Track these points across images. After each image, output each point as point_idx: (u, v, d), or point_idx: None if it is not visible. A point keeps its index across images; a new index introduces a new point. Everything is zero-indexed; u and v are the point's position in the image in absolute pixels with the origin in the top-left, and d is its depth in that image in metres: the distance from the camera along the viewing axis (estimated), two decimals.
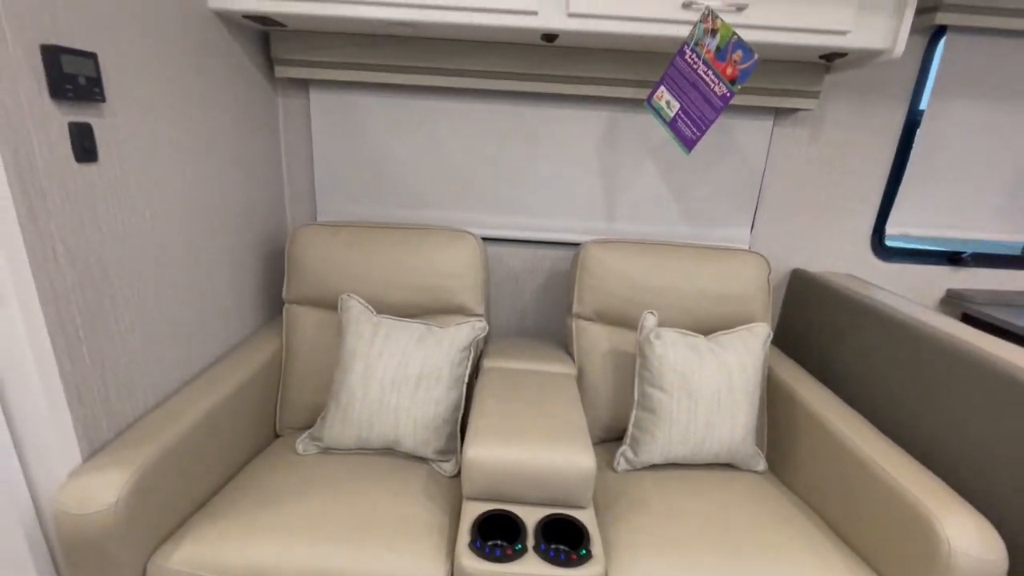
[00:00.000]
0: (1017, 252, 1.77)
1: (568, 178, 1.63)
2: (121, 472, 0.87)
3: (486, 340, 1.56)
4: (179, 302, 1.15)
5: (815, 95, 1.47)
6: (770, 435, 1.38)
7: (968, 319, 1.67)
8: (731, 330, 1.33)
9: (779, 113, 1.57)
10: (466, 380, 1.28)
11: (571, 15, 1.19)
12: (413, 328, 1.26)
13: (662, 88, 1.25)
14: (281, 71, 1.47)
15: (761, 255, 1.46)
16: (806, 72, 1.45)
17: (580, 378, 1.43)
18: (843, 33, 1.20)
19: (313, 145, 1.59)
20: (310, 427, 1.40)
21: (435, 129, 1.59)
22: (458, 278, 1.41)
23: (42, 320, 0.82)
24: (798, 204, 1.66)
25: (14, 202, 0.76)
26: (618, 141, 1.59)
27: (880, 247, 1.72)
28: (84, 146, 0.87)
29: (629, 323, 1.43)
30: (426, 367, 1.21)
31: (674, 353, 1.23)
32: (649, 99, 1.30)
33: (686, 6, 1.16)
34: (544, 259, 1.71)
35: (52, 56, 0.80)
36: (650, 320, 1.26)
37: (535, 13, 1.18)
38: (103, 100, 0.90)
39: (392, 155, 1.61)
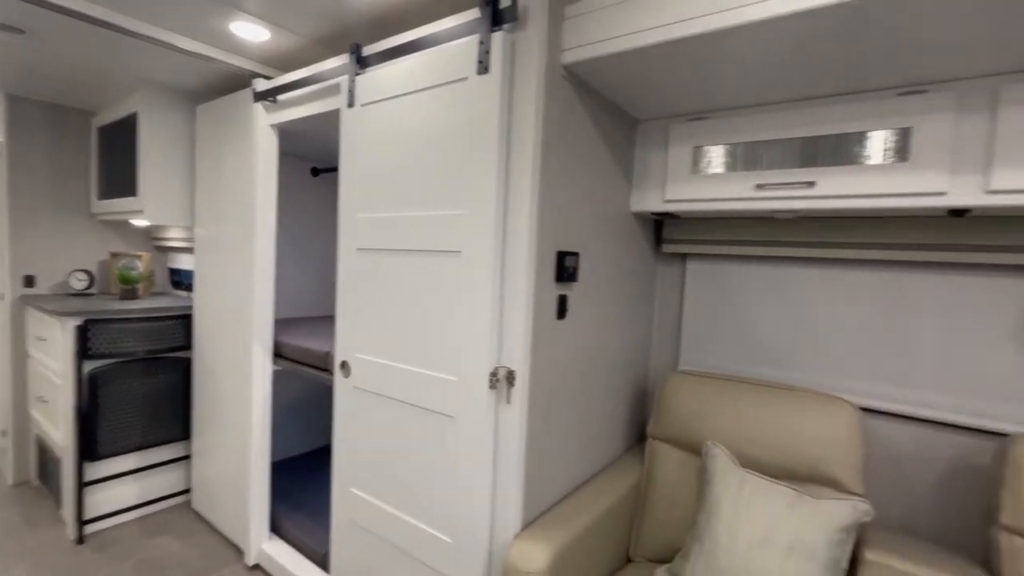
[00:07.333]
0: None
1: (980, 353, 1.39)
2: (547, 547, 1.16)
3: (863, 526, 1.37)
4: (582, 422, 1.50)
5: None
6: None
7: None
8: None
9: None
10: (844, 567, 1.16)
11: (991, 192, 1.14)
12: (782, 491, 1.25)
13: None
14: (666, 248, 1.85)
15: None
16: None
17: None
18: None
19: (684, 304, 1.88)
20: (660, 560, 1.49)
21: (803, 295, 1.65)
22: (830, 447, 1.34)
23: (526, 419, 1.23)
24: None
25: (532, 339, 1.23)
26: None
27: None
28: (562, 309, 1.33)
29: None
30: (799, 538, 1.17)
31: None
32: None
33: None
34: (945, 445, 1.44)
35: (561, 257, 1.30)
36: None
37: (943, 194, 1.19)
38: (576, 280, 1.37)
39: (757, 316, 1.73)
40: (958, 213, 1.28)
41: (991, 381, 1.38)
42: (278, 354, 2.03)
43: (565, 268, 1.31)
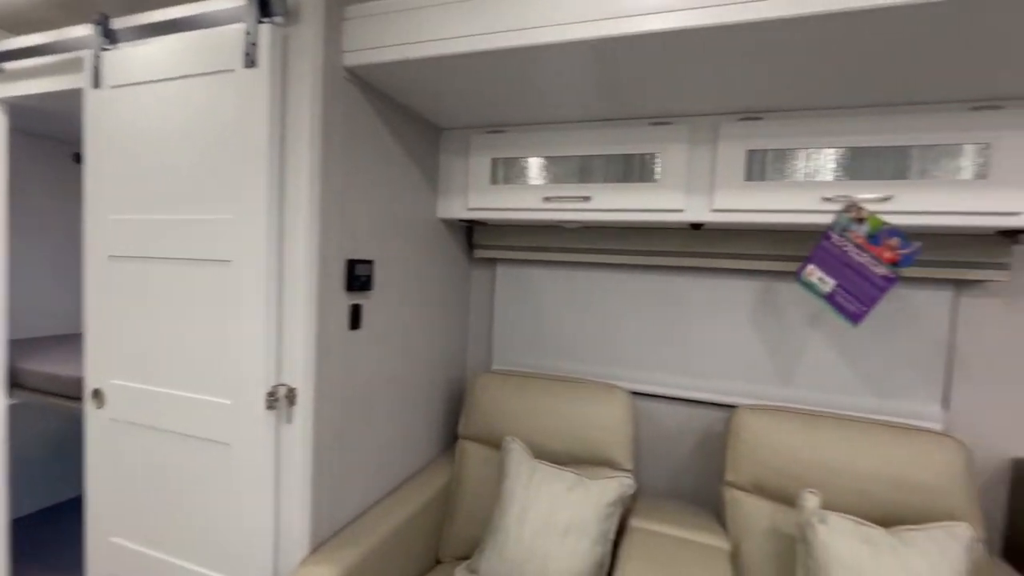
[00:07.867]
0: None
1: (722, 341, 1.69)
2: (334, 568, 1.12)
3: (635, 497, 1.58)
4: (388, 430, 1.48)
5: (1004, 267, 1.37)
6: None
7: None
8: (921, 526, 1.16)
9: (962, 283, 1.47)
10: (612, 537, 1.33)
11: (714, 210, 1.39)
12: (565, 477, 1.38)
13: (812, 266, 1.33)
14: (478, 253, 1.92)
15: (956, 439, 1.29)
16: (988, 244, 1.39)
17: (736, 557, 1.34)
18: (1017, 214, 1.18)
19: (494, 307, 1.97)
20: (467, 558, 1.54)
21: (595, 295, 1.84)
22: (607, 431, 1.52)
23: (311, 437, 1.17)
24: (1011, 382, 1.45)
25: (316, 353, 1.17)
26: (774, 307, 1.64)
27: None
28: (355, 319, 1.29)
29: (793, 502, 1.34)
30: (575, 518, 1.30)
31: (843, 544, 1.12)
32: (799, 274, 1.38)
33: (827, 200, 1.28)
34: (699, 419, 1.72)
35: (351, 266, 1.26)
36: (810, 501, 1.19)
37: (682, 211, 1.41)
38: (371, 289, 1.34)
39: (558, 316, 1.89)
40: (696, 226, 1.54)
41: (731, 364, 1.69)
42: (16, 383, 1.65)
43: (357, 277, 1.27)
